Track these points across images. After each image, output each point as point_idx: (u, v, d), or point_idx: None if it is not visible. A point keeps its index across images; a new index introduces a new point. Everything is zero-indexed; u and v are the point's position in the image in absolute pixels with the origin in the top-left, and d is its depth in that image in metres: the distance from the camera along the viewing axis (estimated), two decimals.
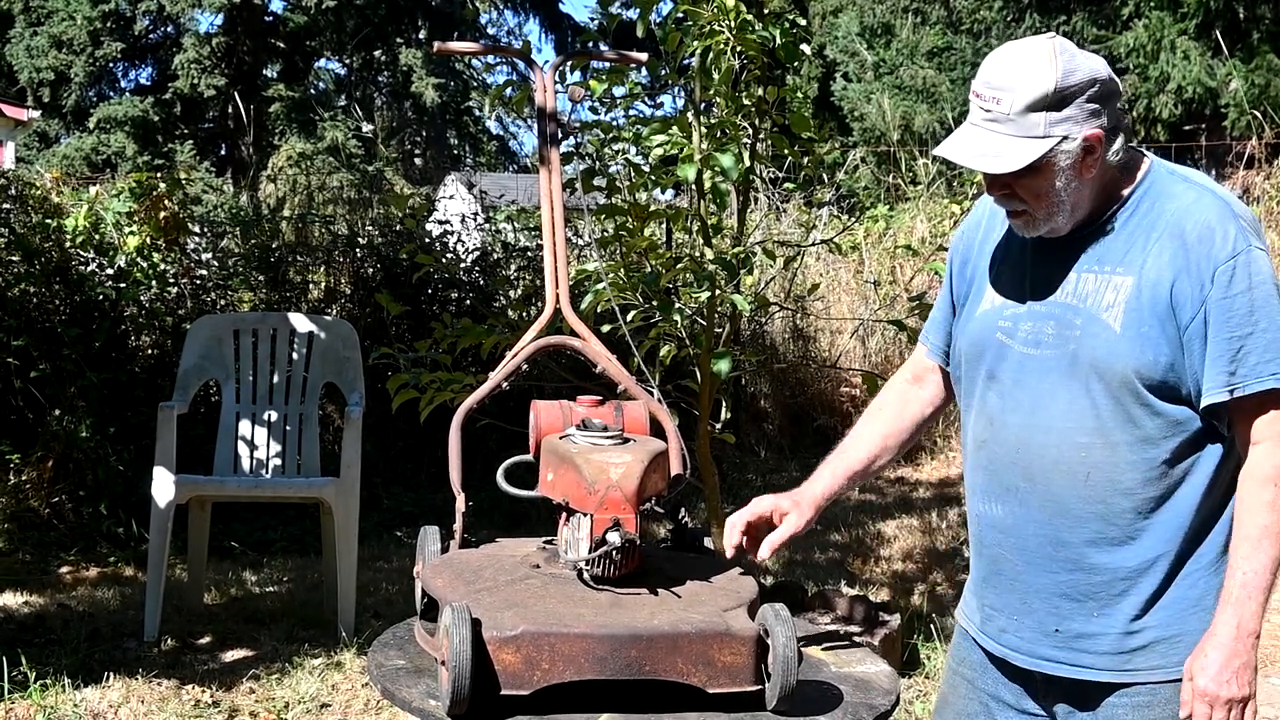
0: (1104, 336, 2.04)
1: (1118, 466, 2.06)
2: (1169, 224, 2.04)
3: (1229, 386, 1.98)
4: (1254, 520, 2.00)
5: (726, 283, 4.21)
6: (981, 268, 2.27)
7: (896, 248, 9.31)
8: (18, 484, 6.25)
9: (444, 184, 19.00)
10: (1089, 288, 2.08)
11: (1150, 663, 2.09)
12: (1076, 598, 2.12)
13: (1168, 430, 2.04)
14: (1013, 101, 2.01)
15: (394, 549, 6.34)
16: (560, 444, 2.18)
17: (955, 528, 6.72)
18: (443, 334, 4.48)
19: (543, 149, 2.71)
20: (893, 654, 4.42)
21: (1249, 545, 1.99)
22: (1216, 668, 1.98)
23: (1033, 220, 2.10)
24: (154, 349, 6.89)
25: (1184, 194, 2.06)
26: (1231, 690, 1.98)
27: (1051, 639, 2.16)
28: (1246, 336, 1.98)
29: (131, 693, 4.23)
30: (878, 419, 2.44)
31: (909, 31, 18.26)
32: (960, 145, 2.07)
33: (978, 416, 2.24)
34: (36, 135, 26.14)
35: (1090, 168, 2.04)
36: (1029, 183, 2.05)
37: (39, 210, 6.88)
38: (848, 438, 2.44)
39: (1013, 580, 2.20)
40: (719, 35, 4.03)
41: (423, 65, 27.02)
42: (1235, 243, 1.99)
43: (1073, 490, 2.09)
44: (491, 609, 1.96)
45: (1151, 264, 2.03)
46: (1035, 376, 2.12)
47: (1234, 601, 1.99)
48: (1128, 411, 2.04)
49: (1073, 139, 2.01)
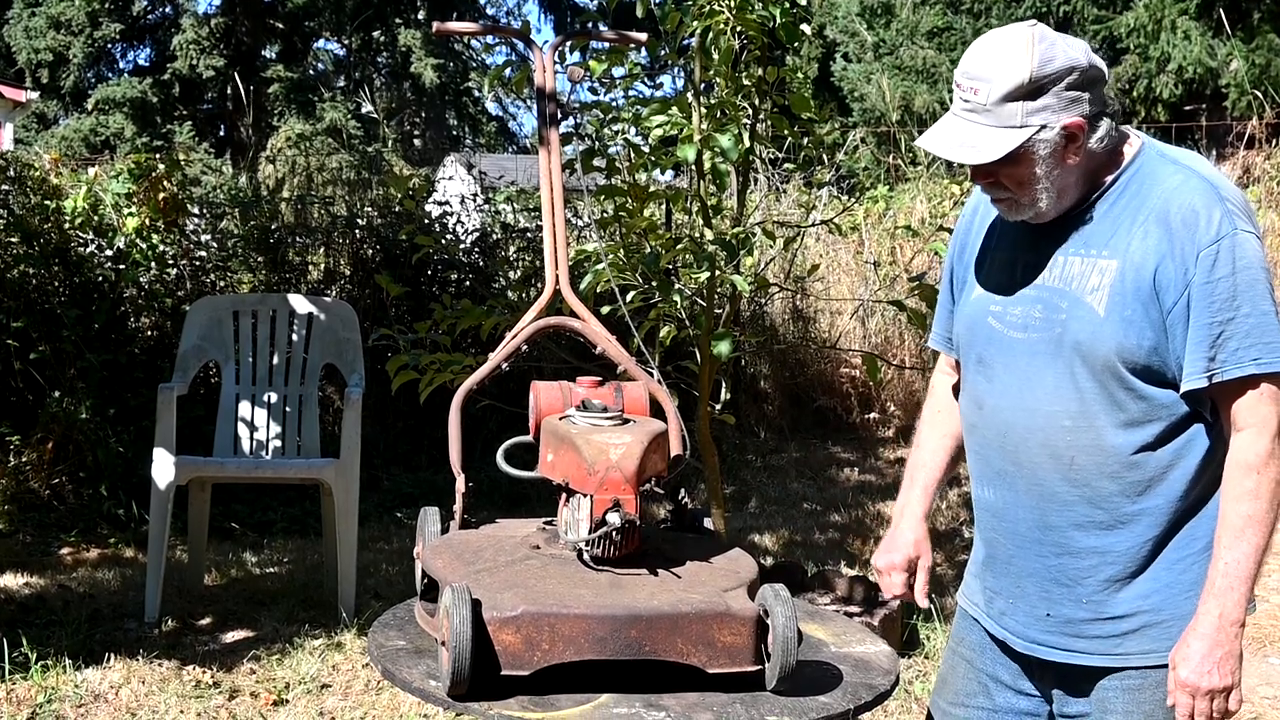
0: (1088, 319, 2.04)
1: (1102, 449, 2.06)
2: (1154, 207, 2.03)
3: (1208, 372, 1.97)
4: (1236, 509, 1.99)
5: (726, 263, 4.21)
6: (976, 254, 2.28)
7: (896, 228, 9.29)
8: (18, 465, 6.26)
9: (443, 165, 18.96)
10: (1075, 271, 2.08)
11: (1142, 647, 2.09)
12: (1066, 582, 2.12)
13: (1152, 413, 2.03)
14: (989, 92, 2.01)
15: (394, 530, 6.35)
16: (560, 425, 2.18)
17: (955, 509, 6.73)
18: (442, 315, 4.47)
19: (542, 130, 2.70)
20: (892, 634, 4.43)
21: (1231, 534, 1.99)
22: (1198, 658, 1.98)
23: (1017, 206, 2.10)
24: (153, 330, 6.88)
25: (1171, 177, 2.05)
26: (1213, 680, 1.97)
27: (1043, 624, 2.16)
28: (1228, 322, 1.97)
29: (132, 673, 4.24)
30: (938, 426, 2.45)
31: (909, 12, 18.19)
32: (940, 136, 2.08)
33: (969, 400, 2.25)
34: (35, 116, 26.09)
35: (1073, 154, 2.04)
36: (1011, 171, 2.05)
37: (38, 192, 6.87)
38: (918, 450, 2.47)
39: (1006, 564, 2.21)
40: (719, 15, 4.02)
41: (422, 46, 26.95)
42: (1220, 227, 1.98)
43: (1058, 473, 2.09)
44: (491, 590, 1.96)
45: (1136, 247, 2.02)
46: (1023, 360, 2.12)
47: (1216, 591, 1.99)
48: (1111, 394, 2.04)
49: (1051, 128, 2.01)
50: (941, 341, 2.40)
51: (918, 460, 2.45)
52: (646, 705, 1.90)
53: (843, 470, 7.75)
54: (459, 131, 29.90)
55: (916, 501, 2.41)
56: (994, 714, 2.30)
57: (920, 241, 8.19)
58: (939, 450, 2.43)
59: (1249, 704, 4.28)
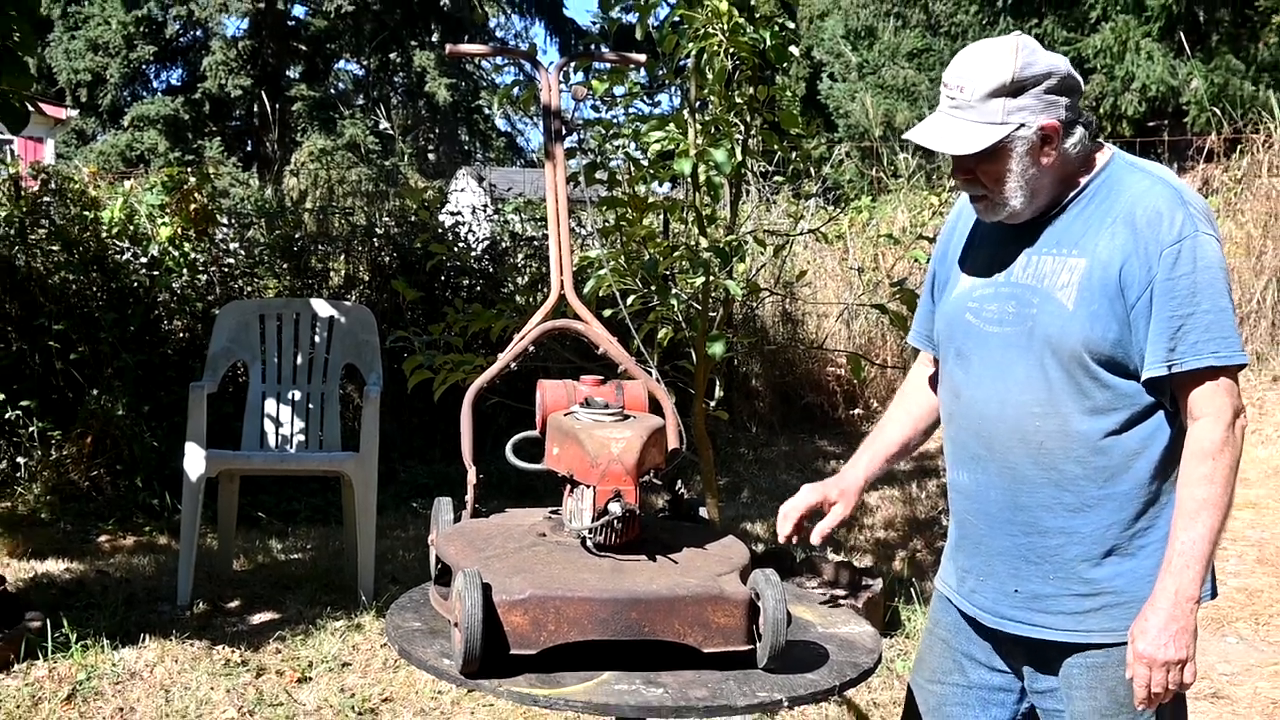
0: (1057, 313, 2.05)
1: (1069, 435, 2.06)
2: (1122, 210, 2.04)
3: (1168, 362, 1.98)
4: (1193, 492, 1.99)
5: (720, 269, 4.21)
6: (956, 256, 2.28)
7: (879, 236, 9.25)
8: (59, 459, 6.26)
9: (455, 178, 18.96)
10: (1047, 268, 2.09)
11: (1104, 625, 2.09)
12: (1034, 560, 2.12)
13: (1116, 402, 2.04)
14: (974, 89, 2.03)
15: (410, 519, 6.34)
16: (565, 420, 2.18)
17: (934, 498, 6.73)
18: (455, 318, 4.47)
19: (548, 145, 2.70)
20: (875, 615, 4.43)
21: (1187, 516, 1.99)
22: (1155, 631, 1.98)
23: (992, 205, 2.11)
24: (185, 333, 6.88)
25: (1138, 183, 2.07)
26: (1169, 653, 1.97)
27: (1011, 599, 2.16)
28: (1188, 316, 1.98)
29: (166, 653, 4.24)
30: (905, 404, 2.46)
31: (890, 34, 18.22)
32: (926, 130, 2.10)
33: (947, 391, 2.26)
34: (75, 133, 26.12)
35: (1047, 156, 2.05)
36: (988, 167, 2.06)
37: (77, 203, 6.87)
38: (881, 423, 2.47)
39: (977, 543, 2.21)
40: (713, 38, 4.01)
41: (436, 66, 26.97)
42: (1182, 228, 1.99)
43: (1028, 458, 2.10)
44: (501, 574, 1.96)
45: (1104, 246, 2.03)
46: (997, 352, 2.13)
47: (1173, 569, 1.99)
48: (1078, 384, 2.04)
49: (1029, 126, 2.03)
50: (921, 339, 2.40)
51: (879, 431, 2.46)
52: (646, 682, 1.90)
53: (829, 463, 7.74)
54: (470, 146, 29.92)
55: (858, 464, 2.41)
56: (968, 690, 2.30)
57: (901, 249, 8.17)
58: (903, 427, 2.44)
59: (1209, 680, 4.28)
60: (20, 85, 4.18)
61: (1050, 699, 2.19)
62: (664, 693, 1.87)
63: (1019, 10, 16.11)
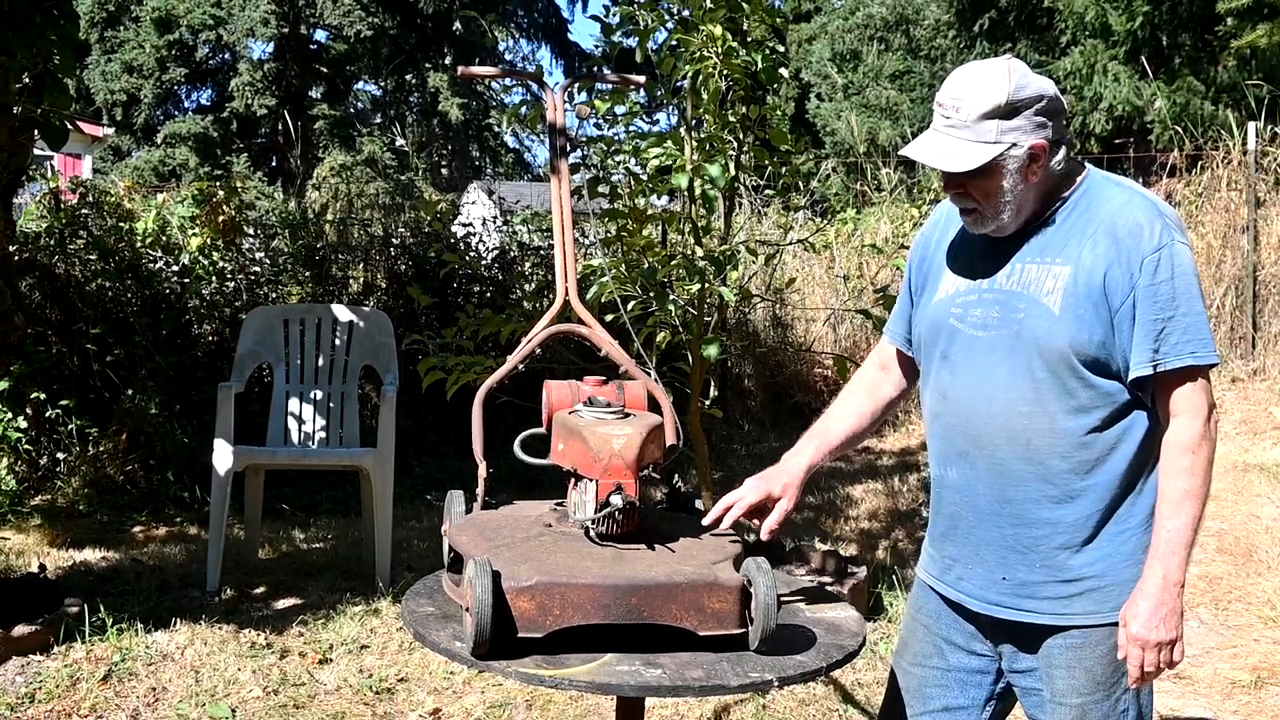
0: (1044, 318, 2.04)
1: (1054, 432, 2.05)
2: (1103, 221, 2.04)
3: (1153, 362, 1.98)
4: (1175, 484, 2.00)
5: (715, 277, 4.20)
6: (938, 262, 2.27)
7: (863, 246, 9.27)
8: (96, 454, 6.26)
9: (467, 191, 18.93)
10: (1031, 276, 2.08)
11: (1086, 608, 2.09)
12: (1021, 550, 2.12)
13: (1098, 401, 2.04)
14: (970, 110, 2.02)
15: (424, 510, 6.34)
16: (569, 418, 2.18)
17: (915, 491, 6.72)
18: (466, 322, 4.47)
19: (553, 160, 2.70)
20: (860, 601, 4.42)
21: (1171, 506, 2.00)
22: (1146, 615, 1.98)
23: (981, 218, 2.10)
24: (214, 336, 6.88)
25: (1116, 196, 2.07)
26: (1160, 634, 1.98)
27: (999, 586, 2.15)
28: (1169, 319, 1.98)
29: (196, 636, 4.24)
30: (852, 399, 2.42)
31: (874, 57, 18.23)
32: (923, 147, 2.08)
33: (933, 392, 2.24)
34: (111, 150, 26.10)
35: (1035, 173, 2.05)
36: (980, 183, 2.05)
37: (113, 215, 6.88)
38: (826, 416, 2.41)
39: (967, 534, 2.20)
40: (708, 60, 4.01)
41: (449, 87, 26.96)
42: (1160, 237, 2.00)
43: (1015, 454, 2.09)
44: (510, 562, 1.96)
45: (1087, 255, 2.03)
46: (982, 355, 2.12)
47: (1160, 556, 1.99)
48: (1063, 384, 2.04)
49: (1020, 146, 2.02)
50: (897, 337, 2.38)
51: (823, 423, 2.38)
52: (645, 663, 1.90)
53: None
54: (481, 162, 29.91)
55: (802, 452, 2.31)
56: (947, 673, 2.29)
57: (885, 258, 8.15)
58: (847, 422, 2.37)
59: None
60: (60, 105, 4.18)
61: (1029, 678, 2.18)
62: (662, 673, 1.87)
63: (994, 35, 16.12)
